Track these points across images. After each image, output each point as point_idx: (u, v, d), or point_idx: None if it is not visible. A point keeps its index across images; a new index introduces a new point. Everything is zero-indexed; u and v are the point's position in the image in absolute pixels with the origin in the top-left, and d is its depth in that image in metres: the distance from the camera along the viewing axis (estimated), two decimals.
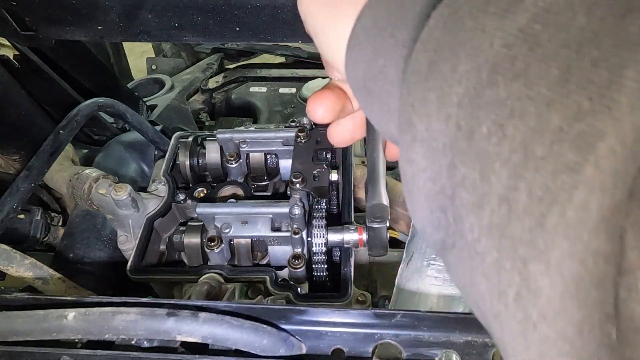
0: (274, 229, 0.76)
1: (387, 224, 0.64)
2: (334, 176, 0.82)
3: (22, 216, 0.96)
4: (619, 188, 0.18)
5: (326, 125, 0.94)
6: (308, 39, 0.85)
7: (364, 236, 0.72)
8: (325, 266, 0.75)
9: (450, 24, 0.23)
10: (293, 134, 0.85)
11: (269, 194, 0.89)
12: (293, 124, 0.91)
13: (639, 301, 0.17)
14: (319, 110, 0.41)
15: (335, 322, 0.52)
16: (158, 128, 1.13)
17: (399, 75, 0.28)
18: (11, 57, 0.94)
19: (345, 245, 0.74)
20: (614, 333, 0.18)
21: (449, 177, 0.23)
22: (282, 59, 1.95)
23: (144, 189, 0.91)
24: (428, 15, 0.25)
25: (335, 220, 0.78)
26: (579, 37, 0.18)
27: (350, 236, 0.73)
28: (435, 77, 0.23)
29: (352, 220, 0.80)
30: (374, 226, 0.64)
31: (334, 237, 0.73)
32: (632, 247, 0.17)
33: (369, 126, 0.45)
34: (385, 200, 0.56)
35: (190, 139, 0.93)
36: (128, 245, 0.83)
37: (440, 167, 0.23)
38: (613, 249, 0.18)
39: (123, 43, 1.64)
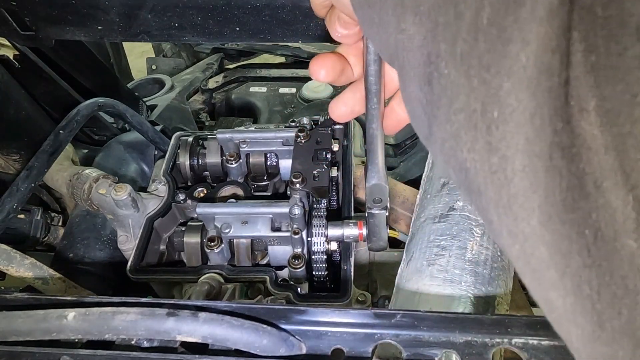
0: (274, 229, 0.76)
1: (387, 212, 0.64)
2: (334, 172, 0.82)
3: (22, 216, 0.97)
4: None
5: (326, 126, 0.94)
6: (308, 38, 0.85)
7: (364, 231, 0.72)
8: (325, 266, 0.75)
9: None
10: (293, 134, 0.85)
11: (269, 194, 0.89)
12: (293, 124, 0.91)
13: (589, 121, 0.20)
14: (321, 70, 0.44)
15: (335, 322, 0.52)
16: (158, 128, 1.13)
17: None
18: (11, 57, 0.94)
19: (345, 240, 0.74)
20: (565, 139, 0.20)
21: (433, 39, 0.26)
22: (282, 59, 1.95)
23: (144, 189, 0.91)
24: None
25: (335, 216, 0.79)
26: None
27: (350, 231, 0.73)
28: None
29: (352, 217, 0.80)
30: (374, 212, 0.63)
31: (334, 231, 0.73)
32: (577, 38, 0.20)
33: (368, 98, 0.46)
34: (384, 181, 0.56)
35: (190, 139, 0.93)
36: (128, 245, 0.83)
37: (426, 32, 0.27)
38: (559, 39, 0.20)
39: (123, 43, 1.64)
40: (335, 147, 0.88)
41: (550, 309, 0.24)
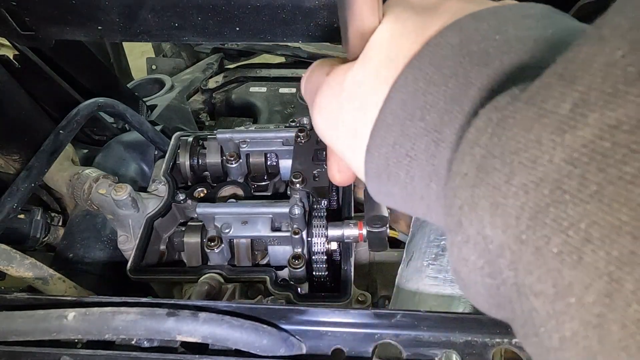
0: (274, 229, 0.76)
1: (387, 228, 0.65)
2: None
3: (22, 216, 0.96)
4: None
5: None
6: (308, 38, 0.85)
7: (364, 231, 0.72)
8: (325, 266, 0.75)
9: (499, 129, 0.22)
10: (293, 134, 0.85)
11: (269, 194, 0.89)
12: (293, 124, 0.91)
13: None
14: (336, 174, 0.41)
15: (335, 322, 0.52)
16: (158, 128, 1.13)
17: (430, 160, 0.27)
18: (11, 57, 0.94)
19: (346, 240, 0.74)
20: None
21: (515, 277, 0.22)
22: (282, 59, 1.95)
23: (144, 189, 0.91)
24: (472, 112, 0.25)
25: (335, 216, 0.79)
26: None
27: (351, 231, 0.73)
28: (486, 185, 0.22)
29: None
30: (374, 230, 0.65)
31: (334, 232, 0.73)
32: None
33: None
34: (385, 211, 0.57)
35: (190, 139, 0.93)
36: (128, 245, 0.83)
37: (500, 267, 0.23)
38: None
39: (123, 43, 1.64)
40: None
41: None
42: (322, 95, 0.34)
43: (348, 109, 0.32)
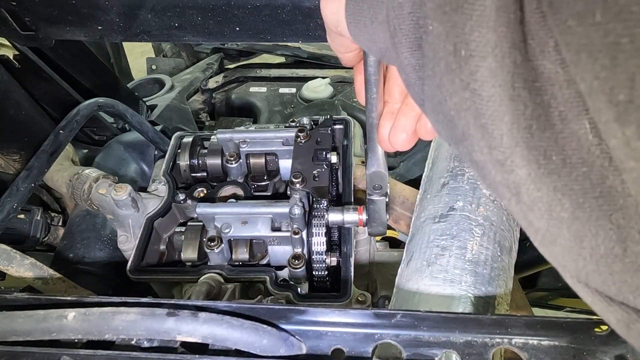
0: (274, 229, 0.76)
1: (387, 199, 0.65)
2: (334, 159, 0.84)
3: (22, 216, 0.97)
4: None
5: (326, 126, 0.94)
6: (308, 39, 0.85)
7: (364, 216, 0.73)
8: (325, 266, 0.75)
9: None
10: (293, 134, 0.85)
11: (269, 194, 0.89)
12: (293, 124, 0.91)
13: (551, 60, 0.23)
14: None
15: (335, 322, 0.52)
16: (158, 128, 1.13)
17: None
18: (11, 57, 0.94)
19: (346, 225, 0.75)
20: (527, 73, 0.24)
21: (420, 5, 0.29)
22: (282, 59, 1.95)
23: (144, 189, 0.91)
24: None
25: (336, 202, 0.79)
26: None
27: (350, 216, 0.73)
28: None
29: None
30: (374, 198, 0.65)
31: (335, 217, 0.74)
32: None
33: (367, 88, 0.47)
34: (383, 168, 0.58)
35: (190, 139, 0.93)
36: (128, 245, 0.83)
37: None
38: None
39: (123, 43, 1.64)
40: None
41: (533, 231, 0.27)
42: None
43: None
